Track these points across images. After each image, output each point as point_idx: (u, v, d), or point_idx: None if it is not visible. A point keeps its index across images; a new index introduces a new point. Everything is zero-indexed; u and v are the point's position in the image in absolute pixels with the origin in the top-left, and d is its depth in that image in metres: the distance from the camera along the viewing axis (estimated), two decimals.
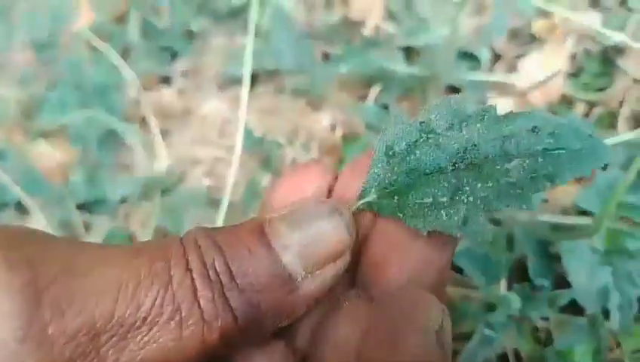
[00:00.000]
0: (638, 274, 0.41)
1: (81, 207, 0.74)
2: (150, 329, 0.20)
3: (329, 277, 0.23)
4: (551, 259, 0.50)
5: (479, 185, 0.22)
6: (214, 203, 0.68)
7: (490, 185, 0.22)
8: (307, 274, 0.23)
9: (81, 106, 0.82)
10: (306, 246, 0.23)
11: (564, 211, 0.57)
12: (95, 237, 0.73)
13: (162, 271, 0.21)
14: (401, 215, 0.23)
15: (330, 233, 0.23)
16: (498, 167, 0.22)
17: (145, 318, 0.20)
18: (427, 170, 0.23)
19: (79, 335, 0.19)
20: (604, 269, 0.42)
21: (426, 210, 0.23)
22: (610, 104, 0.66)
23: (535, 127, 0.22)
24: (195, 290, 0.21)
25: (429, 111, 0.23)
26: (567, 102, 0.68)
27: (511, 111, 0.23)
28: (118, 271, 0.21)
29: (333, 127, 0.70)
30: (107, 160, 0.76)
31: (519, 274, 0.51)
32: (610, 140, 0.55)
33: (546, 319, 0.48)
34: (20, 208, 0.78)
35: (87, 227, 0.74)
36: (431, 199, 0.22)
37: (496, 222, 0.53)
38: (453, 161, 0.22)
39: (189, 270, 0.22)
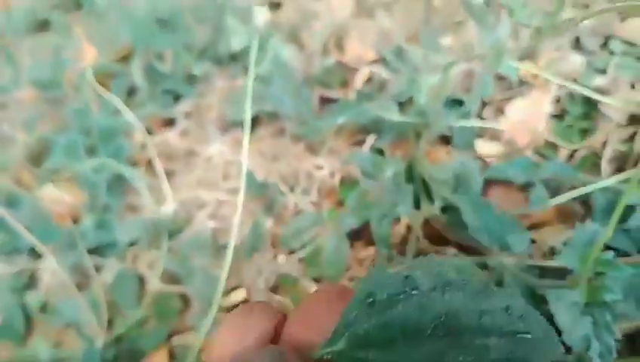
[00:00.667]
0: (615, 324, 0.44)
1: (91, 250, 0.77)
2: None
3: None
4: (538, 301, 0.53)
5: (460, 357, 0.21)
6: (219, 246, 0.71)
7: (471, 358, 0.21)
8: None
9: (88, 150, 0.86)
10: None
11: (551, 251, 0.61)
12: (105, 278, 0.76)
13: None
14: None
15: None
16: (477, 341, 0.21)
17: None
18: (407, 328, 0.21)
19: None
20: (584, 320, 0.45)
21: None
22: (594, 145, 0.70)
23: (508, 306, 0.21)
24: None
25: (414, 267, 0.22)
26: (551, 145, 0.72)
27: (487, 285, 0.22)
28: None
29: (332, 172, 0.73)
30: (115, 203, 0.79)
31: None
32: (592, 187, 0.59)
33: None
34: (33, 253, 0.81)
35: (98, 269, 0.77)
36: (409, 358, 0.21)
37: (486, 266, 0.56)
38: (434, 324, 0.21)
39: None
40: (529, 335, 0.21)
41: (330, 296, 0.23)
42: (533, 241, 0.63)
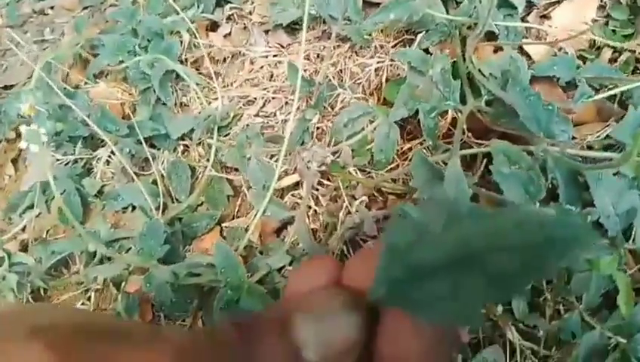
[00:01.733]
0: None
1: (145, 142, 0.82)
2: None
3: None
4: (580, 188, 0.57)
5: (474, 279, 0.23)
6: (269, 138, 0.75)
7: (484, 279, 0.23)
8: None
9: (136, 51, 0.88)
10: (326, 340, 0.24)
11: (590, 147, 0.64)
12: (159, 167, 0.81)
13: None
14: (407, 310, 0.24)
15: (344, 330, 0.24)
16: (490, 262, 0.23)
17: None
18: (428, 268, 0.24)
19: None
20: (631, 193, 0.49)
21: (429, 304, 0.23)
22: (637, 50, 0.72)
23: (519, 222, 0.23)
24: None
25: (425, 211, 0.25)
26: (595, 48, 0.74)
27: (498, 210, 0.24)
28: None
29: (377, 71, 0.76)
30: (167, 99, 0.83)
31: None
32: (633, 84, 0.61)
33: None
34: (87, 142, 0.86)
35: (152, 159, 0.82)
36: (432, 294, 0.23)
37: (530, 153, 0.59)
38: (449, 258, 0.23)
39: None
40: (547, 243, 0.22)
41: (376, 249, 0.26)
42: (573, 138, 0.66)
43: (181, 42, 0.87)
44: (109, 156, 0.84)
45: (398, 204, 0.61)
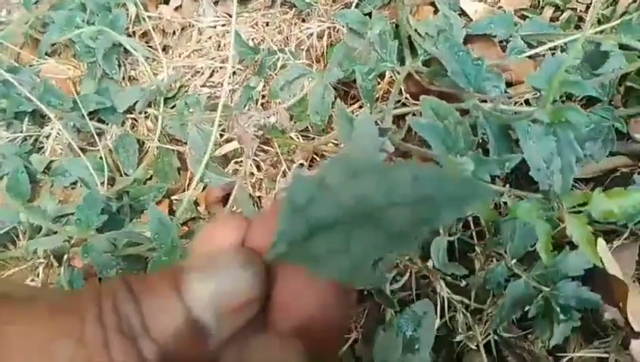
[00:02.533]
0: (578, 143, 0.48)
1: (92, 116, 0.81)
2: None
3: (239, 324, 0.24)
4: (510, 142, 0.57)
5: (368, 233, 0.23)
6: (214, 107, 0.74)
7: (378, 233, 0.23)
8: (219, 322, 0.23)
9: (84, 25, 0.87)
10: (218, 297, 0.23)
11: (527, 103, 0.64)
12: (107, 142, 0.80)
13: (76, 328, 0.22)
14: (304, 265, 0.24)
15: (241, 284, 0.24)
16: (385, 217, 0.23)
17: None
18: (326, 223, 0.24)
19: None
20: (548, 139, 0.48)
21: (324, 259, 0.24)
22: (578, 7, 0.71)
23: (416, 176, 0.23)
24: (107, 344, 0.22)
25: (325, 167, 0.24)
26: (538, 7, 0.73)
27: (397, 164, 0.24)
28: (35, 329, 0.22)
29: (322, 37, 0.75)
30: (113, 72, 0.82)
31: None
32: (568, 38, 0.61)
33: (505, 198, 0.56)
34: (34, 118, 0.85)
35: (99, 134, 0.81)
36: (327, 249, 0.23)
37: (466, 112, 0.59)
38: (347, 213, 0.24)
39: (102, 325, 0.22)
40: (439, 196, 0.22)
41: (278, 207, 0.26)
42: (510, 96, 0.66)
43: (127, 15, 0.86)
44: (58, 132, 0.83)
45: None
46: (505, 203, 0.57)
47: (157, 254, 0.56)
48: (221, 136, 0.71)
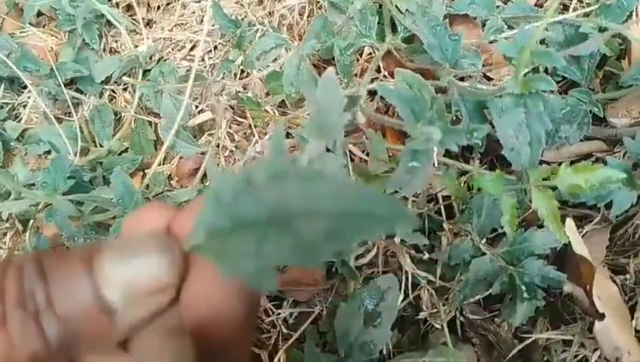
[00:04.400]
0: (548, 115, 0.47)
1: (70, 86, 0.80)
2: None
3: (149, 310, 0.24)
4: (484, 120, 0.56)
5: (280, 238, 0.23)
6: (184, 78, 0.73)
7: (290, 239, 0.23)
8: (129, 305, 0.23)
9: None
10: (128, 280, 0.23)
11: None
12: (84, 112, 0.79)
13: None
14: (214, 259, 0.24)
15: (154, 270, 0.24)
16: (302, 225, 0.23)
17: None
18: (245, 222, 0.23)
19: None
20: (518, 111, 0.48)
21: (235, 258, 0.23)
22: None
23: (339, 190, 0.23)
24: (4, 319, 0.22)
25: (254, 166, 0.24)
26: None
27: (319, 172, 0.25)
28: None
29: (302, 12, 0.74)
30: (93, 41, 0.81)
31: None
32: (546, 20, 0.60)
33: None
34: (11, 85, 0.84)
35: (77, 105, 0.80)
36: (241, 248, 0.23)
37: (442, 91, 0.58)
38: (268, 214, 0.23)
39: (1, 299, 0.22)
40: (358, 215, 0.22)
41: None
42: (490, 78, 0.66)
43: None
44: (35, 100, 0.82)
45: None
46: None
47: (118, 220, 0.55)
48: (196, 107, 0.70)
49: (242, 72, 0.74)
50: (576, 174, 0.44)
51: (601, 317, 0.48)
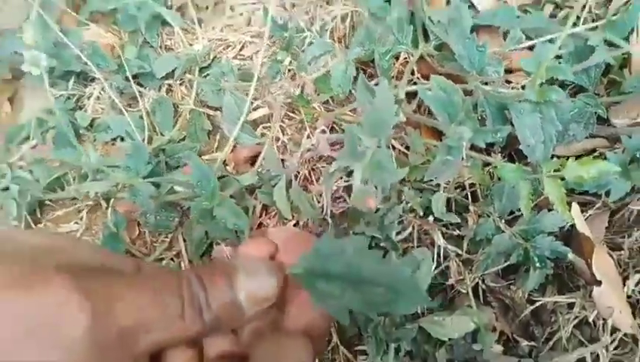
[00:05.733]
0: (563, 124, 0.57)
1: (132, 80, 0.90)
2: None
3: (262, 309, 0.38)
4: (505, 121, 0.66)
5: (355, 294, 0.35)
6: (243, 77, 0.83)
7: (360, 296, 0.35)
8: (250, 306, 0.37)
9: None
10: (252, 290, 0.37)
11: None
12: (145, 105, 0.89)
13: (168, 298, 0.35)
14: (310, 289, 0.37)
15: (267, 285, 0.38)
16: (367, 288, 0.35)
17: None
18: (334, 274, 0.37)
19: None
20: (534, 115, 0.58)
21: (325, 296, 0.37)
22: (574, 6, 0.80)
23: (391, 268, 0.35)
24: (182, 313, 0.34)
25: (348, 239, 0.38)
26: (541, 4, 0.82)
27: (373, 250, 0.36)
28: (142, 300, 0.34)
29: (344, 18, 0.83)
30: (153, 41, 0.91)
31: None
32: (560, 33, 0.70)
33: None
34: (78, 79, 0.93)
35: (140, 95, 0.90)
36: (329, 291, 0.36)
37: (469, 93, 0.68)
38: (348, 274, 0.36)
39: (181, 297, 0.35)
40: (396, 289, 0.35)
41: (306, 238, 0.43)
42: (509, 82, 0.75)
43: None
44: (100, 92, 0.92)
45: None
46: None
47: (198, 200, 0.65)
48: (251, 103, 0.80)
49: (289, 70, 0.84)
50: (581, 167, 0.54)
51: (599, 284, 0.59)
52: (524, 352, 0.64)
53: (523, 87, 0.73)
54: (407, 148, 0.66)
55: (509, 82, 0.75)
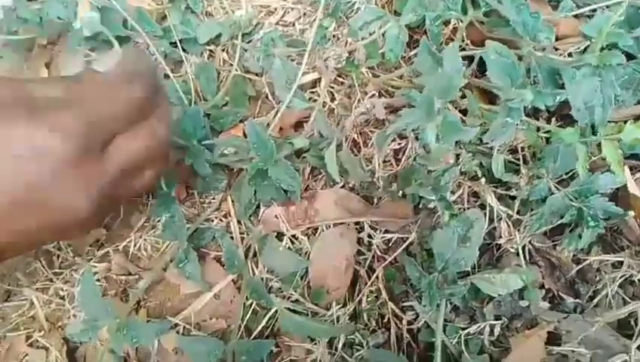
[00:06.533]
0: (618, 82, 0.59)
1: (175, 46, 0.91)
2: None
3: None
4: (557, 86, 0.68)
5: None
6: (289, 43, 0.84)
7: None
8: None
9: None
10: None
11: (570, 55, 0.74)
12: (188, 70, 0.91)
13: None
14: None
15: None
16: None
17: None
18: None
19: None
20: (593, 79, 0.60)
21: None
22: None
23: None
24: None
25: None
26: None
27: None
28: None
29: None
30: (196, 7, 0.92)
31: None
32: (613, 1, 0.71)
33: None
34: (121, 44, 0.94)
35: (179, 62, 0.91)
36: None
37: (519, 58, 0.69)
38: None
39: None
40: None
41: None
42: (557, 49, 0.77)
43: None
44: None
45: (402, 98, 0.72)
46: (547, 136, 0.69)
47: (255, 161, 0.67)
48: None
49: (334, 36, 0.85)
50: (638, 129, 0.56)
51: None
52: (569, 309, 0.67)
53: (570, 55, 0.75)
54: (460, 111, 0.68)
55: (556, 49, 0.76)
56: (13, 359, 0.74)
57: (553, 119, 0.66)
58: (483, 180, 0.65)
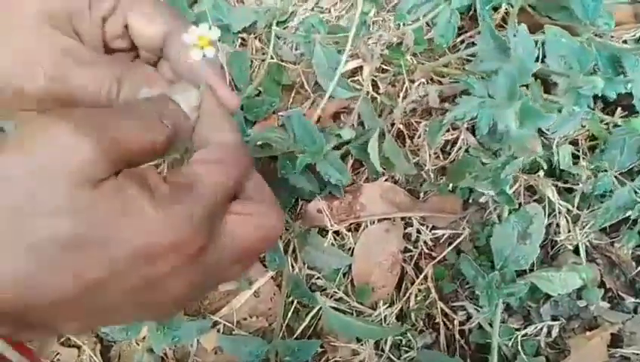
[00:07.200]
0: None
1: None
2: None
3: None
4: (617, 73, 0.64)
5: None
6: (329, 30, 0.81)
7: None
8: None
9: None
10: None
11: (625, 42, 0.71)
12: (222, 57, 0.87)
13: None
14: None
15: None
16: None
17: None
18: None
19: None
20: None
21: None
22: None
23: None
24: None
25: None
26: None
27: None
28: None
29: None
30: None
31: None
32: None
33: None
34: None
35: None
36: None
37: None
38: None
39: None
40: None
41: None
42: (612, 36, 0.73)
43: None
44: None
45: (453, 85, 0.69)
46: (608, 128, 0.65)
47: (303, 156, 0.63)
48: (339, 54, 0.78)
49: (374, 22, 0.82)
50: None
51: None
52: (628, 309, 0.64)
53: (625, 42, 0.71)
54: None
55: (611, 35, 0.73)
56: (45, 358, 0.72)
57: (619, 109, 0.62)
58: (541, 173, 0.62)
